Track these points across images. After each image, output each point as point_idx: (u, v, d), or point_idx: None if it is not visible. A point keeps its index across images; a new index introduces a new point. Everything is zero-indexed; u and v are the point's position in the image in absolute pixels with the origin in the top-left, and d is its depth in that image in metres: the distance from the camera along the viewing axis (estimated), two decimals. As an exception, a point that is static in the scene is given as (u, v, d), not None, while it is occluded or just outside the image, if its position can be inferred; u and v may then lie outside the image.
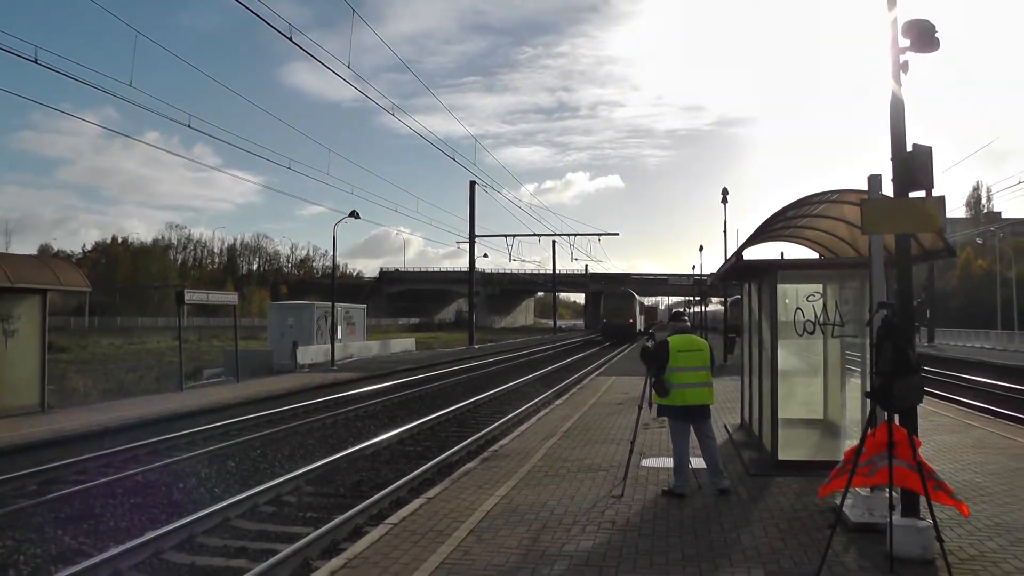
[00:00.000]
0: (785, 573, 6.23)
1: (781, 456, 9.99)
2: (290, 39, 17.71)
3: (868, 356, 7.92)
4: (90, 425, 15.83)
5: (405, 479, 11.58)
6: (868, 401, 6.59)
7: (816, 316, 10.18)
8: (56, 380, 27.45)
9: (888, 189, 7.42)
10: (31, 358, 15.05)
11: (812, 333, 10.23)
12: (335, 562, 6.83)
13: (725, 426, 13.86)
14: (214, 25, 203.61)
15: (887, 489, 6.37)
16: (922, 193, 7.04)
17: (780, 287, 10.27)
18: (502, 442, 13.03)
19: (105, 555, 7.85)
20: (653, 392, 9.23)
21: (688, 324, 9.75)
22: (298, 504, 10.84)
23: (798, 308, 10.29)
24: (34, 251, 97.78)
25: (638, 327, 74.82)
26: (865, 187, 7.86)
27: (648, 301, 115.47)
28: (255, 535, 9.32)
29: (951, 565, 5.81)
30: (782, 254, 14.86)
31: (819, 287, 10.48)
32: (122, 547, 8.12)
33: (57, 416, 16.99)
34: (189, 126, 24.99)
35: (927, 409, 15.51)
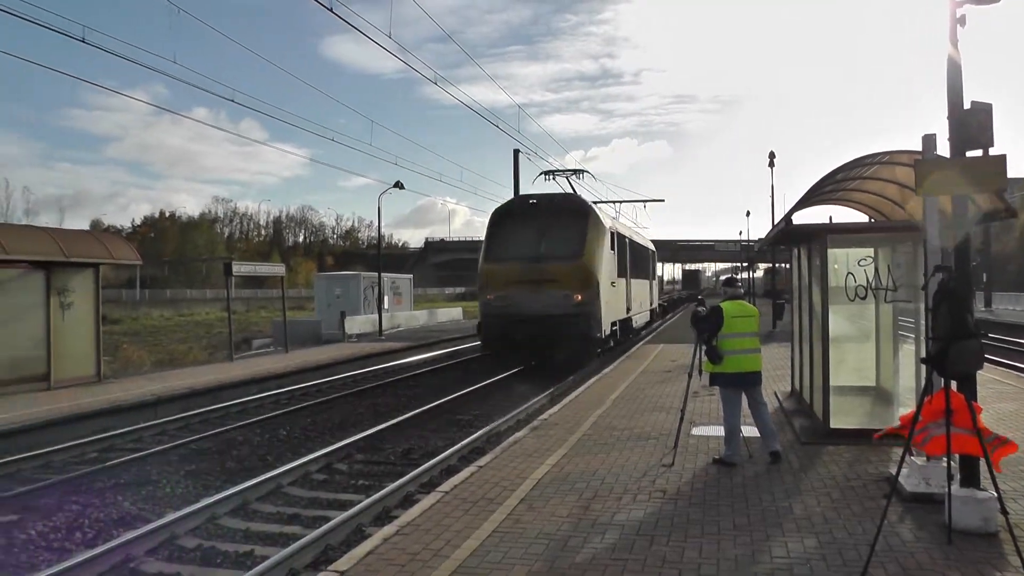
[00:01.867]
0: (839, 543, 6.15)
1: (833, 424, 9.86)
2: (331, 10, 17.65)
3: (924, 321, 7.75)
4: (144, 395, 16.18)
5: (455, 448, 11.65)
6: (924, 368, 6.44)
7: (868, 281, 9.98)
8: (110, 351, 28.09)
9: (944, 149, 7.21)
10: (86, 330, 15.45)
11: (864, 298, 10.04)
12: (388, 529, 6.91)
13: (775, 394, 13.73)
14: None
15: (944, 458, 6.24)
16: (979, 152, 6.82)
17: (830, 251, 10.08)
18: (551, 411, 13.03)
19: (163, 520, 8.06)
20: (705, 360, 9.15)
21: (741, 290, 9.68)
22: (349, 472, 10.99)
23: (849, 273, 10.10)
24: (86, 226, 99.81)
25: (619, 314, 25.37)
26: (919, 147, 7.64)
27: (691, 267, 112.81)
28: (307, 502, 9.47)
29: (1016, 539, 5.67)
30: (831, 218, 14.61)
31: (870, 251, 10.28)
32: (179, 512, 8.33)
33: (112, 386, 17.37)
34: (233, 101, 25.17)
35: (985, 376, 15.15)
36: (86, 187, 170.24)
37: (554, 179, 27.95)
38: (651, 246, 37.02)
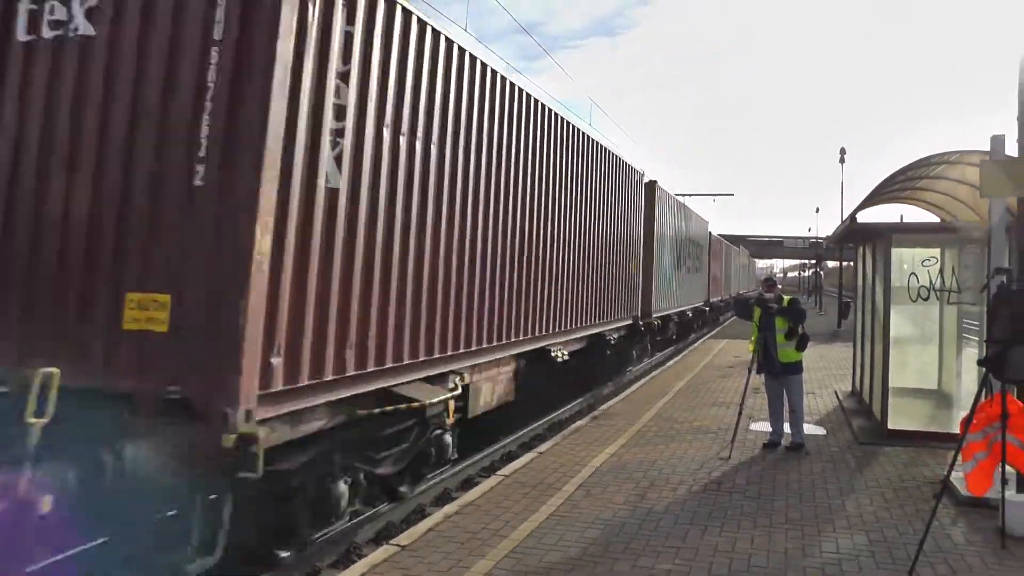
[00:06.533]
0: (889, 542, 6.26)
1: (891, 425, 9.89)
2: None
3: (985, 324, 7.72)
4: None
5: (516, 435, 11.86)
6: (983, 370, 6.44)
7: (932, 282, 9.93)
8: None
9: (1013, 150, 7.20)
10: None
11: (926, 299, 10.01)
12: (449, 508, 7.21)
13: (836, 393, 13.70)
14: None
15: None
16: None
17: (895, 251, 10.05)
18: (612, 401, 13.21)
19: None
20: (790, 350, 9.57)
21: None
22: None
23: (912, 273, 10.07)
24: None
25: None
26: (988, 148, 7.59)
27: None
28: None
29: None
30: (901, 217, 14.48)
31: (936, 252, 10.21)
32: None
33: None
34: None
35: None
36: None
37: None
38: None
